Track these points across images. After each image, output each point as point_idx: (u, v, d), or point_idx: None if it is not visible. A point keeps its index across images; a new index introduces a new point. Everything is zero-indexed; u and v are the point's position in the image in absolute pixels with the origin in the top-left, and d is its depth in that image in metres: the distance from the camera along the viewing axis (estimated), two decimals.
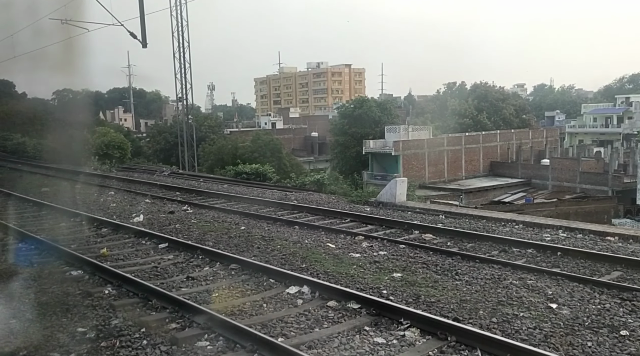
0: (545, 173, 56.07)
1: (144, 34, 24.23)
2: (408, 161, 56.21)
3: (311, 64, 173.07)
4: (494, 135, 63.96)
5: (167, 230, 12.47)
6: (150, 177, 24.28)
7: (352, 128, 62.71)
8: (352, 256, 9.59)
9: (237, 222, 13.39)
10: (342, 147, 64.09)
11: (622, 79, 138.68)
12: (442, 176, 58.74)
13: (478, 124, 70.12)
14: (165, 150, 71.92)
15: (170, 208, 15.72)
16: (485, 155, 62.26)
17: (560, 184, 54.22)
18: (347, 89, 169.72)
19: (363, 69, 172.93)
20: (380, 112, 63.64)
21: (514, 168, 60.45)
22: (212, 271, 9.16)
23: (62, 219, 14.23)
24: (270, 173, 23.56)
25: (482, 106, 72.38)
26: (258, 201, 16.94)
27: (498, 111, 73.01)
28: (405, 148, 55.76)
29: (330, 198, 17.31)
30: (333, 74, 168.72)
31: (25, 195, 17.97)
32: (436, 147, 58.32)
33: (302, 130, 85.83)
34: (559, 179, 54.47)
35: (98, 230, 12.92)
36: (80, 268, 9.39)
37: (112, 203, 16.47)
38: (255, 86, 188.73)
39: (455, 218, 13.16)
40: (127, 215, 14.62)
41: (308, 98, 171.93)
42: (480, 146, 61.60)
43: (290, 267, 9.05)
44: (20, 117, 57.48)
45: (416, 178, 56.60)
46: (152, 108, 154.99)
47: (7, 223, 13.21)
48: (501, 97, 76.53)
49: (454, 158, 59.70)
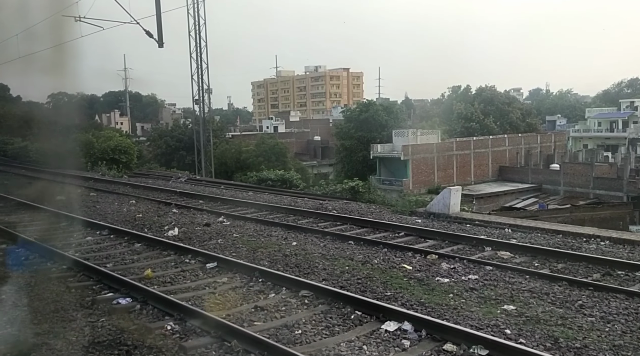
0: (557, 179, 55.00)
1: (160, 32, 23.01)
2: (417, 165, 55.11)
3: (309, 68, 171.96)
4: (502, 140, 62.93)
5: (210, 246, 11.20)
6: (166, 184, 22.98)
7: (358, 132, 61.62)
8: (439, 281, 8.36)
9: (284, 236, 12.13)
10: (348, 151, 62.95)
11: (621, 83, 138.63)
12: (451, 181, 57.52)
13: (485, 128, 69.16)
14: (166, 154, 70.55)
15: (202, 218, 14.44)
16: (494, 159, 61.22)
17: (572, 190, 53.15)
18: (346, 93, 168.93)
19: (361, 73, 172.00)
20: (386, 116, 62.59)
21: (524, 173, 59.39)
22: (281, 300, 7.91)
23: (87, 232, 12.95)
24: (296, 180, 22.29)
25: (489, 110, 71.44)
26: (293, 211, 15.70)
27: (504, 115, 72.08)
28: (414, 153, 54.67)
29: (371, 208, 16.07)
30: (331, 77, 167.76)
31: (40, 204, 16.66)
32: (445, 152, 57.26)
33: (305, 134, 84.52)
34: (571, 184, 53.38)
35: (131, 245, 11.65)
36: (126, 294, 8.12)
37: (137, 214, 15.16)
38: (252, 90, 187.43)
39: (526, 232, 11.95)
40: (159, 227, 13.34)
41: (306, 102, 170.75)
42: (489, 150, 60.57)
43: (374, 295, 7.81)
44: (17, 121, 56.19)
45: (425, 183, 55.58)
46: (148, 111, 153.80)
47: (29, 237, 11.91)
48: (507, 100, 75.60)
49: (462, 162, 58.64)
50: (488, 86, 77.56)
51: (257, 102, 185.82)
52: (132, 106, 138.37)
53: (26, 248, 11.33)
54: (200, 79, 31.96)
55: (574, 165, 56.01)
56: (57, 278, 9.13)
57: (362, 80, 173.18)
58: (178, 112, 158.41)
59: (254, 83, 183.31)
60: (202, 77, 31.94)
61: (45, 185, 22.35)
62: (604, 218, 45.57)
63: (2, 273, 9.55)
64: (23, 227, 13.50)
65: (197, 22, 30.39)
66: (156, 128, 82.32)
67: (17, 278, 9.33)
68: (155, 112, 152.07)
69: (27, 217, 14.83)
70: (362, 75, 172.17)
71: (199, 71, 31.50)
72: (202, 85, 33.01)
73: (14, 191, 19.61)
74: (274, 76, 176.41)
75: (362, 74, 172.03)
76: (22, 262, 10.24)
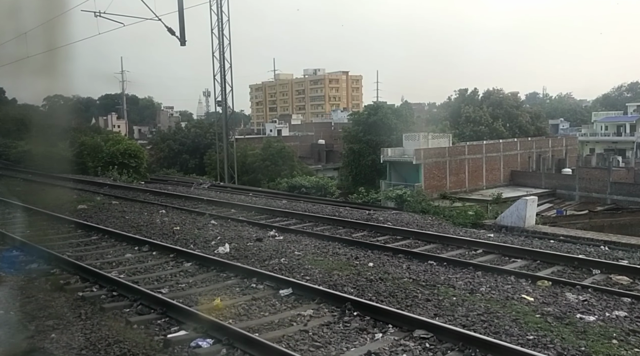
0: (572, 183, 53.74)
1: (182, 30, 21.64)
2: (429, 170, 53.70)
3: (308, 71, 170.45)
4: (514, 144, 61.64)
5: (274, 267, 9.75)
6: (189, 191, 21.50)
7: (367, 136, 60.18)
8: (584, 320, 6.90)
9: (353, 254, 10.70)
10: (356, 154, 61.50)
11: (621, 87, 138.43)
12: (463, 186, 56.33)
13: (494, 132, 67.95)
14: (169, 158, 69.13)
15: (248, 232, 12.99)
16: (505, 164, 59.93)
17: (588, 195, 51.88)
18: (345, 96, 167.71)
19: (360, 76, 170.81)
20: (395, 119, 61.21)
21: (537, 177, 58.11)
22: (394, 343, 6.46)
23: (124, 248, 11.50)
24: (331, 188, 20.81)
25: (497, 113, 70.23)
26: (341, 222, 14.29)
27: (513, 118, 70.92)
28: (427, 157, 53.26)
29: (427, 220, 14.66)
30: (330, 80, 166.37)
31: (61, 213, 15.20)
32: (457, 156, 55.93)
33: (309, 138, 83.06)
34: (586, 189, 52.10)
35: (180, 264, 10.20)
36: (204, 333, 6.68)
37: (174, 226, 13.69)
38: (250, 93, 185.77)
39: (628, 250, 10.56)
40: (204, 242, 11.87)
41: (305, 106, 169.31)
42: (501, 155, 59.26)
43: (514, 339, 6.38)
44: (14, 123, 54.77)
45: (437, 188, 54.21)
46: (145, 114, 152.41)
47: (61, 254, 10.44)
48: (515, 104, 74.47)
49: (474, 167, 57.30)
50: (495, 89, 76.43)
51: (256, 105, 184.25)
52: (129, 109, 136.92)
53: (61, 267, 9.90)
54: (222, 79, 30.33)
55: (589, 169, 54.81)
56: (111, 310, 7.67)
57: (362, 84, 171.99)
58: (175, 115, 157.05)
59: (252, 86, 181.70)
60: (224, 76, 30.32)
61: (60, 192, 20.85)
62: (623, 224, 44.31)
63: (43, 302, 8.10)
64: (49, 241, 12.01)
65: (220, 18, 28.75)
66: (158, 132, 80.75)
67: (58, 308, 7.89)
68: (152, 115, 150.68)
69: (51, 230, 13.35)
70: (361, 78, 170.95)
71: (222, 71, 29.89)
72: (225, 86, 31.43)
73: (28, 199, 18.10)
74: (272, 79, 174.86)
75: (361, 77, 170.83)
76: (62, 287, 8.78)
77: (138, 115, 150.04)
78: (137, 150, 35.45)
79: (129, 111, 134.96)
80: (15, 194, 18.79)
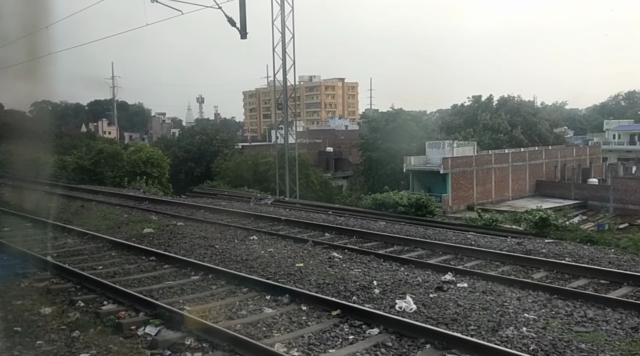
0: (605, 194, 51.13)
1: (243, 21, 18.42)
2: (456, 180, 50.81)
3: (303, 78, 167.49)
4: (539, 153, 59.04)
5: (515, 344, 6.57)
6: (255, 208, 18.19)
7: (385, 143, 57.19)
8: None
9: (543, 304, 7.56)
10: (374, 163, 58.52)
11: (617, 96, 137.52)
12: (490, 196, 53.57)
13: (513, 140, 65.29)
14: (174, 166, 65.31)
15: (400, 272, 9.71)
16: (531, 173, 57.30)
17: (623, 207, 49.26)
18: (341, 103, 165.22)
19: (356, 83, 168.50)
20: (415, 126, 58.42)
21: (565, 188, 55.50)
22: None
23: (253, 299, 8.20)
24: (432, 206, 17.57)
25: (516, 121, 67.60)
26: (486, 253, 11.07)
27: (532, 126, 68.32)
28: (454, 166, 50.39)
29: (604, 253, 11.48)
30: (326, 87, 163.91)
31: (123, 239, 11.90)
32: (484, 165, 53.12)
33: (316, 145, 79.74)
34: (622, 201, 49.50)
35: (358, 330, 6.94)
36: None
37: (288, 259, 10.37)
38: (243, 99, 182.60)
39: None
40: (361, 290, 8.58)
41: (300, 112, 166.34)
42: (527, 164, 56.61)
43: None
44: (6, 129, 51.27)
45: (464, 199, 51.40)
46: (135, 121, 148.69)
47: (178, 310, 7.15)
48: (532, 111, 72.00)
49: (500, 177, 54.56)
50: (511, 96, 73.98)
51: (249, 111, 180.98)
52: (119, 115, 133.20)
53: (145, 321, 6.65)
54: (284, 77, 26.92)
55: (625, 180, 52.25)
56: None
57: (357, 91, 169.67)
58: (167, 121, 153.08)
59: (245, 92, 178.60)
60: (285, 75, 26.93)
61: (101, 209, 17.39)
62: None
63: None
64: (146, 285, 8.72)
65: (283, 9, 25.37)
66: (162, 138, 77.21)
67: None
68: (143, 121, 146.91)
69: (132, 267, 10.00)
70: (357, 85, 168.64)
71: (283, 69, 26.49)
72: (286, 86, 28.05)
73: (72, 219, 14.75)
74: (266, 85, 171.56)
75: (357, 84, 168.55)
76: None
77: (128, 122, 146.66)
78: (160, 158, 32.13)
79: (119, 117, 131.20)
80: (52, 211, 15.40)
